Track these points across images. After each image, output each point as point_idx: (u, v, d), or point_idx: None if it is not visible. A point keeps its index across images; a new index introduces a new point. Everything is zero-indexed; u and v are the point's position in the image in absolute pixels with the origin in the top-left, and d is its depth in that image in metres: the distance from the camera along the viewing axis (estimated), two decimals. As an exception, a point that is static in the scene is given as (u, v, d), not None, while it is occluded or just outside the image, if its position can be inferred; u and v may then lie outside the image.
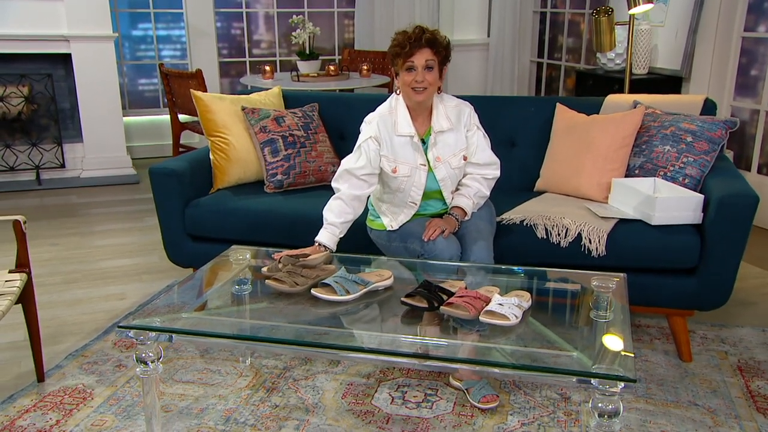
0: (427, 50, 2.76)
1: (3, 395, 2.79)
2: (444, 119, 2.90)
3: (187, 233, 3.34)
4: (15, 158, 5.96)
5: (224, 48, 7.17)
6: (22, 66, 5.84)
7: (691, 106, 3.44)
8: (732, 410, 2.63)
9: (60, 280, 3.93)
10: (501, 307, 2.24)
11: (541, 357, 2.08)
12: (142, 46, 7.06)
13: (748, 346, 3.10)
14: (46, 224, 4.93)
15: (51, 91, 5.95)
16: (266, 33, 7.33)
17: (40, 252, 4.36)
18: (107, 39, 5.88)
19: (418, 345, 2.20)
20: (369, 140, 2.85)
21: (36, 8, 5.71)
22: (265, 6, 7.23)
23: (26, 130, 5.97)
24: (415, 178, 2.87)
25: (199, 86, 5.04)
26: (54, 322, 3.41)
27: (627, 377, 1.91)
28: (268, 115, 3.53)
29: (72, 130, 6.09)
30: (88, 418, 2.62)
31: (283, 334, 2.27)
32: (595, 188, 3.28)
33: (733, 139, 4.95)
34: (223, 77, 7.12)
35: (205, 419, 2.59)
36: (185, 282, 2.62)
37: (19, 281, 2.66)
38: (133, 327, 2.21)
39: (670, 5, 5.14)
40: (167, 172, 3.28)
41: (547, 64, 7.11)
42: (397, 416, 2.59)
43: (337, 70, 5.81)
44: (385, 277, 2.54)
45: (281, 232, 3.21)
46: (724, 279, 2.85)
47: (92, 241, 4.58)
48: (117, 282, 3.89)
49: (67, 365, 3.00)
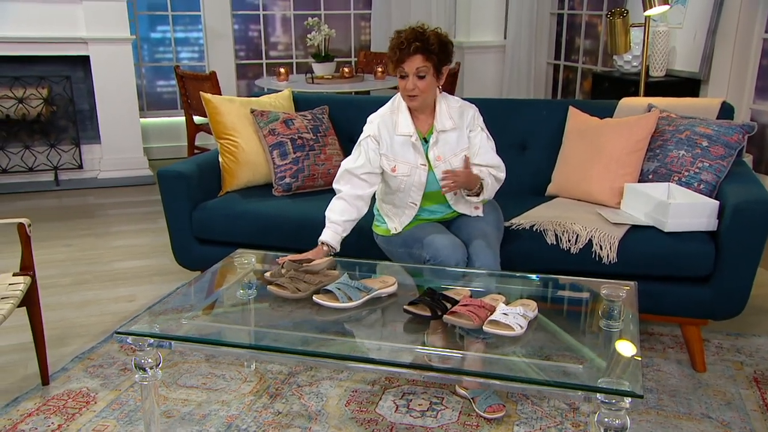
0: (418, 57, 2.66)
1: (8, 398, 2.74)
2: (447, 118, 2.82)
3: (194, 236, 3.29)
4: (34, 159, 5.96)
5: (241, 50, 7.13)
6: (42, 68, 5.83)
7: (708, 109, 3.33)
8: (747, 424, 2.52)
9: (70, 282, 3.89)
10: (506, 317, 2.15)
11: (546, 369, 1.99)
12: (160, 48, 7.04)
13: (765, 357, 2.98)
14: (63, 225, 4.91)
15: (69, 92, 5.94)
16: (283, 35, 7.28)
17: (53, 253, 4.34)
18: (125, 41, 5.86)
19: (419, 355, 2.11)
20: (368, 139, 2.81)
21: (55, 11, 5.69)
22: (282, 8, 7.18)
23: (45, 131, 5.97)
24: (415, 178, 2.80)
25: (213, 88, 5.00)
26: (62, 323, 3.37)
27: (634, 393, 1.82)
28: (277, 117, 3.46)
29: (90, 131, 6.08)
30: (90, 422, 2.56)
31: (281, 341, 2.20)
32: (607, 193, 3.18)
33: (752, 143, 4.81)
34: (240, 79, 7.08)
35: (207, 425, 2.53)
36: (187, 286, 2.56)
37: (23, 284, 2.62)
38: (131, 333, 2.15)
39: (689, 7, 5.01)
40: (175, 174, 3.23)
41: (564, 66, 6.98)
42: (401, 425, 2.51)
43: (351, 72, 5.73)
44: (389, 283, 2.46)
45: (288, 236, 3.14)
46: (739, 288, 2.73)
47: (106, 243, 4.55)
48: (127, 284, 3.84)
49: (73, 368, 2.95)
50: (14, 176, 5.93)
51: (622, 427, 1.86)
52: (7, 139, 5.89)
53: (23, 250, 2.69)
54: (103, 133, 5.99)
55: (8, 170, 5.90)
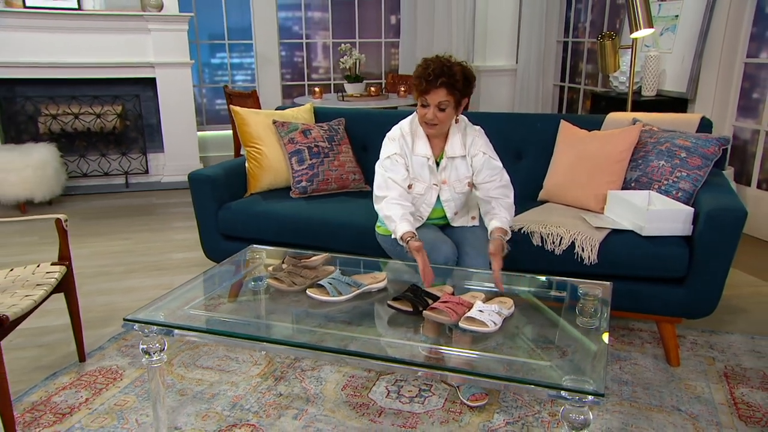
0: (442, 91, 2.34)
1: (48, 372, 2.62)
2: (458, 146, 2.53)
3: (220, 233, 3.13)
4: (108, 165, 5.91)
5: (287, 73, 6.99)
6: (116, 88, 5.77)
7: (689, 124, 3.05)
8: (714, 417, 2.25)
9: (123, 270, 3.77)
10: (481, 314, 1.93)
11: (514, 365, 1.76)
12: (219, 71, 6.94)
13: (736, 353, 2.69)
14: (126, 221, 4.83)
15: (139, 109, 5.87)
16: (323, 60, 7.11)
17: (113, 245, 4.24)
18: (185, 65, 5.76)
19: (383, 347, 1.90)
20: (395, 156, 2.48)
21: (128, 40, 5.62)
22: (323, 37, 7.01)
23: (118, 141, 5.91)
24: (427, 197, 2.55)
25: (255, 104, 4.85)
26: (108, 307, 3.25)
27: (595, 392, 1.58)
28: (296, 128, 3.28)
29: (155, 141, 6.00)
30: (113, 397, 2.42)
31: (269, 332, 2.02)
32: (593, 199, 2.92)
33: (734, 156, 4.48)
34: (285, 98, 6.93)
35: (215, 404, 2.36)
36: (197, 278, 2.39)
37: (58, 273, 2.48)
38: (138, 321, 1.99)
39: (678, 34, 4.69)
40: (203, 178, 3.07)
41: (569, 88, 6.67)
42: (390, 410, 2.30)
43: (377, 90, 5.54)
44: (378, 279, 2.26)
45: (302, 233, 2.96)
46: (711, 289, 2.46)
47: (159, 237, 4.44)
48: (169, 273, 3.71)
49: (108, 347, 2.82)
50: (92, 179, 5.90)
51: (585, 422, 1.63)
52: (87, 148, 5.85)
53: (60, 243, 2.56)
54: (166, 143, 5.91)
55: (87, 174, 5.87)
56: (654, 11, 4.89)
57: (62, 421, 2.28)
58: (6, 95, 5.51)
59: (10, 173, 4.89)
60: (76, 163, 5.82)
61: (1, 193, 4.91)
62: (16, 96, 5.54)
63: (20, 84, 5.50)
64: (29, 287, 2.36)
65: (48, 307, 2.63)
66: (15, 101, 5.54)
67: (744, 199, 4.37)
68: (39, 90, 5.58)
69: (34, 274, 2.48)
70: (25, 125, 5.61)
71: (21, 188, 4.92)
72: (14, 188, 4.91)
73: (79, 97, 5.67)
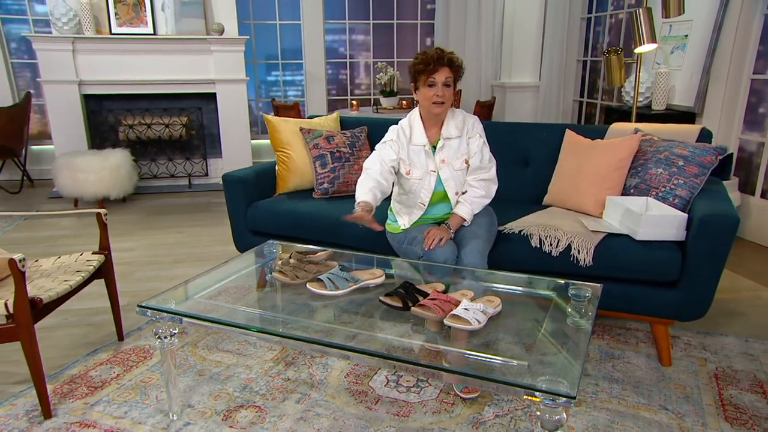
0: (447, 69, 2.34)
1: (89, 349, 2.56)
2: (453, 128, 2.46)
3: (249, 229, 3.02)
4: (174, 168, 5.93)
5: (333, 89, 6.88)
6: (183, 102, 5.78)
7: (688, 134, 2.77)
8: (700, 417, 2.00)
9: (171, 260, 3.72)
10: (466, 312, 1.75)
11: (492, 364, 1.57)
12: (274, 87, 6.89)
13: (728, 355, 2.42)
14: (185, 217, 4.80)
15: (201, 120, 5.86)
16: (365, 77, 6.98)
17: (168, 237, 4.20)
18: (241, 82, 5.72)
19: (371, 341, 1.73)
20: (390, 142, 2.48)
21: (193, 60, 5.62)
22: (365, 57, 6.88)
23: (183, 148, 5.92)
24: (425, 182, 2.43)
25: (296, 115, 4.75)
26: (153, 292, 3.17)
27: (566, 393, 1.38)
28: (321, 134, 3.15)
29: (215, 148, 5.97)
30: (141, 374, 2.33)
31: (265, 323, 1.88)
32: (593, 204, 2.68)
33: (740, 167, 4.12)
34: (330, 111, 6.84)
35: (228, 386, 2.24)
36: (212, 270, 2.27)
37: (96, 261, 2.41)
38: (150, 308, 1.89)
39: (687, 52, 4.36)
40: (235, 179, 2.97)
41: (587, 103, 6.35)
42: (387, 398, 2.14)
43: (409, 104, 5.38)
44: (376, 275, 2.09)
45: (321, 230, 2.83)
46: (703, 293, 2.20)
47: (208, 231, 4.38)
48: (209, 263, 3.63)
49: (145, 329, 2.74)
50: (160, 180, 5.92)
51: (558, 423, 1.43)
52: (157, 153, 5.88)
53: (101, 234, 2.49)
54: (224, 149, 5.88)
55: (157, 176, 5.90)
56: (665, 32, 4.57)
57: (93, 393, 2.20)
58: (94, 108, 5.59)
59: (90, 174, 4.95)
60: (147, 166, 5.86)
61: (84, 191, 4.98)
62: (102, 109, 5.61)
63: (106, 99, 5.58)
64: (69, 273, 2.30)
65: (102, 291, 2.58)
66: (101, 113, 5.62)
67: (748, 207, 4.01)
68: (120, 104, 5.64)
69: (76, 261, 2.42)
70: (107, 134, 5.68)
71: (99, 187, 4.98)
72: (93, 186, 4.98)
73: (152, 110, 5.70)
